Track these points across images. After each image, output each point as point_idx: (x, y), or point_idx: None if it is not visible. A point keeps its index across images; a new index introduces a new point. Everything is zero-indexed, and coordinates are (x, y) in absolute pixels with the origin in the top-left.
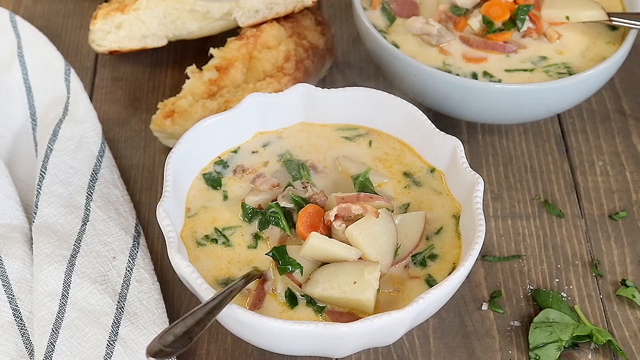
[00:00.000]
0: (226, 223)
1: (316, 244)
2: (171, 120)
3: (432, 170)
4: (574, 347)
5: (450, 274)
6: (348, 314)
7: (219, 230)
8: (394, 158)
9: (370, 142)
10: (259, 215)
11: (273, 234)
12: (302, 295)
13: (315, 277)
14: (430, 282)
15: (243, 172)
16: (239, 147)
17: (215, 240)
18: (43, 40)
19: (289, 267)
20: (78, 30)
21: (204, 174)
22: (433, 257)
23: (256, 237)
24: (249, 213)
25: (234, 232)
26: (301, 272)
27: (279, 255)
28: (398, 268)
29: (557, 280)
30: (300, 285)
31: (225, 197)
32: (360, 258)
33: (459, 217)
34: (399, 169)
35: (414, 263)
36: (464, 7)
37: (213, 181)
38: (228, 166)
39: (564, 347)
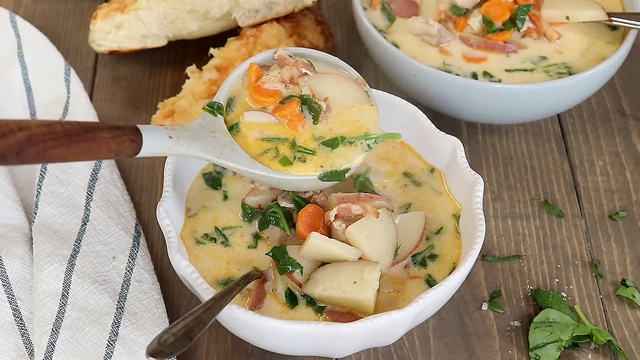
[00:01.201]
0: (227, 223)
1: (316, 244)
2: (171, 120)
3: (432, 170)
4: (574, 347)
5: (450, 274)
6: (348, 314)
7: (218, 230)
8: (394, 158)
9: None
10: (259, 215)
11: (273, 234)
12: (302, 296)
13: (315, 276)
14: (430, 282)
15: None
16: None
17: (215, 240)
18: (43, 40)
19: (289, 267)
20: (78, 30)
21: (204, 174)
22: (433, 257)
23: (256, 237)
24: (249, 213)
25: (234, 232)
26: (301, 272)
27: (279, 255)
28: (398, 268)
29: (557, 280)
30: (300, 285)
31: (226, 197)
32: (360, 258)
33: (459, 217)
34: (399, 169)
35: (414, 263)
36: (464, 7)
37: (213, 181)
38: None
39: (564, 347)
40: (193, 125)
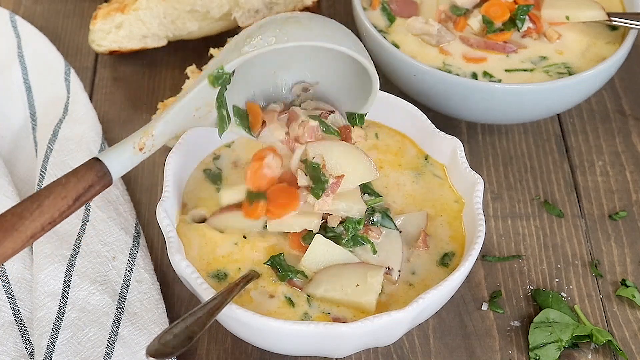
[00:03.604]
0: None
1: (321, 243)
2: None
3: (434, 165)
4: (574, 347)
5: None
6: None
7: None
8: (396, 150)
9: (376, 134)
10: None
11: None
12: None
13: (318, 277)
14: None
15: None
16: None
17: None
18: (43, 40)
19: (289, 274)
20: (78, 30)
21: (204, 170)
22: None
23: (245, 237)
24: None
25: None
26: (302, 276)
27: (277, 263)
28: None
29: (557, 280)
30: (301, 289)
31: None
32: (362, 261)
33: (461, 216)
34: (402, 161)
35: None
36: (464, 7)
37: (213, 176)
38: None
39: (564, 347)
40: (175, 110)
